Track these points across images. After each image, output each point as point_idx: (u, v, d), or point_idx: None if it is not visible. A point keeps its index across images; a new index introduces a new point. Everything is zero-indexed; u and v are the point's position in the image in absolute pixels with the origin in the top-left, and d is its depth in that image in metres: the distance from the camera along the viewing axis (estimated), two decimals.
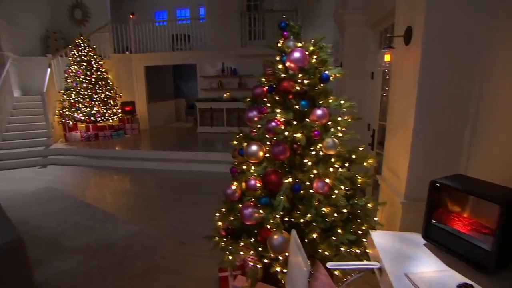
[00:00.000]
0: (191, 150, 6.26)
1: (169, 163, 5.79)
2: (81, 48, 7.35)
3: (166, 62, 8.82)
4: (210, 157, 5.85)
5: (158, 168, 5.78)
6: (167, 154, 6.04)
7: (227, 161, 5.85)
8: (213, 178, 5.18)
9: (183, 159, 5.87)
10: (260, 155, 1.91)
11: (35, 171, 5.94)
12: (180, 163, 5.75)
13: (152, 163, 5.87)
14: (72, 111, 7.24)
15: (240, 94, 8.09)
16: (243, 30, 7.91)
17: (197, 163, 5.70)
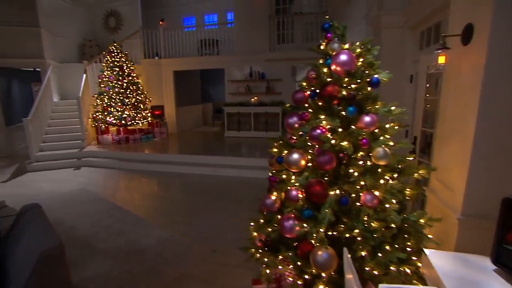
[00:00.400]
0: (219, 154, 6.24)
1: (197, 168, 5.79)
2: (114, 54, 7.59)
3: (194, 67, 8.94)
4: (238, 162, 5.79)
5: (186, 172, 5.79)
6: (195, 159, 6.06)
7: (255, 166, 5.80)
8: (241, 184, 5.11)
9: (211, 164, 5.86)
10: (301, 164, 1.79)
11: (70, 172, 6.16)
12: (208, 167, 5.74)
13: (180, 167, 5.90)
14: (105, 115, 7.48)
15: (268, 99, 8.02)
16: (271, 34, 7.84)
17: (225, 168, 5.66)
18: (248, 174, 5.48)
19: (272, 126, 7.81)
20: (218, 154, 6.29)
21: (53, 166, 6.47)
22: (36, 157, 6.55)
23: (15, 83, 8.65)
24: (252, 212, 3.93)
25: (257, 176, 5.39)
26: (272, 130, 7.82)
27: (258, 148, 6.88)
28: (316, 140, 1.70)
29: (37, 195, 4.79)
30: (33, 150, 6.50)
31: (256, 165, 5.64)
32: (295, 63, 7.87)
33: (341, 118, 1.74)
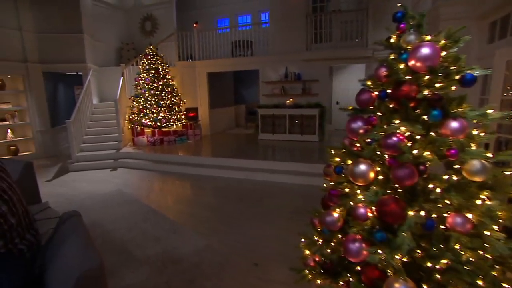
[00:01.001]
0: (254, 158, 6.04)
1: (231, 171, 5.64)
2: (150, 57, 7.68)
3: (228, 68, 8.85)
4: (273, 166, 5.56)
5: (220, 176, 5.66)
6: (229, 162, 5.91)
7: (291, 171, 5.53)
8: (277, 189, 4.88)
9: (245, 167, 5.68)
10: (370, 176, 1.52)
11: (107, 173, 6.26)
12: (242, 171, 5.56)
13: (213, 170, 5.78)
14: (140, 117, 7.58)
15: (304, 100, 7.73)
16: (308, 33, 7.55)
17: (260, 172, 5.45)
18: (284, 180, 5.23)
19: (308, 129, 7.50)
20: (253, 157, 6.10)
21: (92, 167, 6.63)
22: (77, 157, 6.75)
23: (60, 86, 9.06)
24: (292, 222, 3.70)
25: (294, 181, 5.14)
26: (308, 133, 7.51)
27: (293, 152, 6.62)
28: (391, 149, 1.42)
29: (77, 195, 4.88)
30: (74, 151, 6.70)
31: (292, 170, 5.39)
32: (333, 63, 7.52)
33: (422, 124, 1.45)
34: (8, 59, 7.39)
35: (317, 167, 5.27)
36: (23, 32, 7.64)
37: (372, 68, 7.05)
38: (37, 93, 8.00)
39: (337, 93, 9.58)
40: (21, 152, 7.92)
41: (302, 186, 4.97)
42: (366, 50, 6.93)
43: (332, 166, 1.89)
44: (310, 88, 7.71)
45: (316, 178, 4.99)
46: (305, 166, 5.38)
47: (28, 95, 7.88)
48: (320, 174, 4.97)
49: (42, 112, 8.14)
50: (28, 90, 7.85)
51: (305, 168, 5.36)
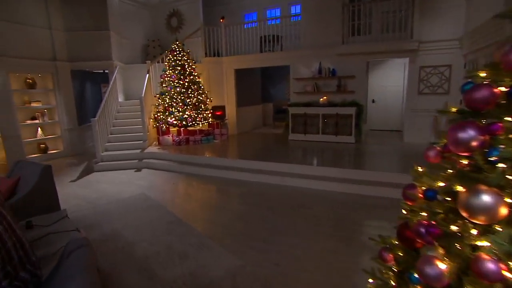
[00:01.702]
0: (285, 161, 5.56)
1: (261, 175, 5.19)
2: (176, 53, 7.38)
3: (256, 64, 8.39)
4: (308, 171, 5.05)
5: (249, 180, 5.23)
6: (259, 165, 5.46)
7: (328, 177, 4.95)
8: (313, 198, 4.37)
9: (276, 171, 5.21)
10: (499, 213, 1.00)
11: (131, 174, 6.02)
12: (274, 176, 5.09)
13: (243, 174, 5.35)
14: (166, 115, 7.31)
15: (339, 98, 7.13)
16: (344, 25, 6.93)
17: (292, 178, 4.96)
18: (319, 186, 4.70)
19: (344, 129, 6.90)
20: (284, 160, 5.62)
21: (116, 167, 6.43)
22: (101, 156, 6.58)
23: (87, 85, 9.04)
24: (338, 240, 3.17)
25: (330, 188, 4.60)
26: (344, 134, 6.91)
27: (328, 154, 6.06)
28: None
29: (99, 198, 4.63)
30: (99, 150, 6.53)
31: (328, 176, 4.85)
32: (371, 57, 6.86)
33: None
34: (39, 57, 7.37)
35: (356, 173, 4.72)
36: (53, 31, 7.60)
37: (417, 62, 6.34)
38: (65, 92, 7.96)
39: (373, 90, 8.86)
40: (50, 150, 7.92)
41: (340, 194, 4.43)
42: (411, 43, 6.22)
43: (419, 188, 1.39)
44: (345, 85, 7.09)
45: (355, 186, 4.46)
46: (342, 172, 4.83)
47: (57, 94, 7.85)
48: (360, 181, 4.42)
49: (70, 111, 8.11)
50: (57, 88, 7.82)
51: (342, 173, 4.80)
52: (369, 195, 4.32)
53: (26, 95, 7.45)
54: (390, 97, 8.71)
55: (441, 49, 6.18)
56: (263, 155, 6.05)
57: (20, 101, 7.31)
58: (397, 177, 4.41)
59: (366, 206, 3.99)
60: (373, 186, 4.38)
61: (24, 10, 7.04)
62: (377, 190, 4.32)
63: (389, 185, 4.29)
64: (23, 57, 7.04)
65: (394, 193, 4.16)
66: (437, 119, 6.33)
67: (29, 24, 7.15)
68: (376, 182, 4.46)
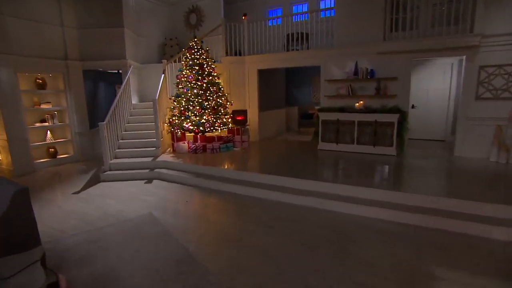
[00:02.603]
0: (319, 178, 4.68)
1: (292, 196, 4.33)
2: (194, 51, 6.67)
3: (282, 64, 7.54)
4: (347, 191, 4.15)
5: (277, 201, 4.39)
6: (287, 182, 4.61)
7: (375, 201, 3.72)
8: (360, 228, 3.47)
9: (309, 191, 4.34)
10: None
11: (141, 186, 5.32)
12: (306, 196, 4.23)
13: (269, 192, 4.51)
14: (181, 120, 6.60)
15: (378, 103, 6.19)
16: (386, 19, 5.99)
17: (330, 200, 4.07)
18: (363, 212, 3.80)
19: (384, 139, 5.94)
20: (317, 176, 4.75)
21: (125, 177, 5.76)
22: (110, 165, 5.94)
23: (101, 86, 8.53)
24: None
25: (378, 216, 3.69)
26: (383, 145, 5.95)
27: (367, 169, 5.12)
28: None
29: (100, 218, 3.93)
30: (107, 158, 5.89)
31: (374, 200, 3.93)
32: (419, 56, 5.85)
33: None
34: (50, 56, 6.88)
35: (411, 198, 3.77)
36: (65, 28, 7.10)
37: (476, 61, 5.31)
38: (76, 93, 7.44)
39: (412, 94, 7.78)
40: (60, 154, 7.41)
41: (392, 224, 3.51)
42: (470, 38, 5.20)
43: None
44: (386, 88, 6.13)
45: (411, 215, 3.53)
46: (390, 195, 3.89)
47: (68, 95, 7.34)
48: (416, 209, 3.45)
49: (81, 113, 7.58)
50: (68, 89, 7.31)
51: (391, 197, 3.87)
52: (431, 228, 3.39)
53: (35, 96, 6.97)
54: (433, 102, 7.63)
55: (510, 45, 5.12)
56: (291, 169, 5.19)
57: (29, 102, 6.83)
58: (469, 207, 3.45)
59: (432, 244, 3.05)
60: (436, 216, 3.43)
61: (34, 6, 6.54)
62: (442, 222, 3.37)
63: (461, 217, 3.33)
64: (32, 56, 6.54)
65: (469, 228, 3.22)
66: (501, 129, 5.27)
67: (40, 21, 6.65)
68: (440, 212, 3.51)
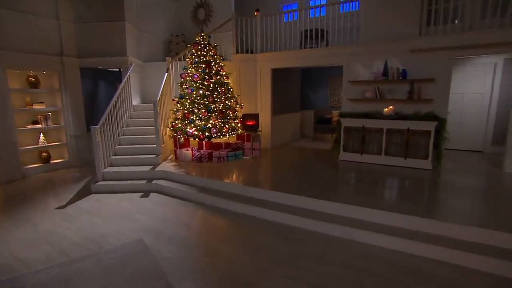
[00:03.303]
0: (349, 200, 3.87)
1: (316, 222, 3.52)
2: (200, 47, 5.95)
3: (300, 63, 6.75)
4: (382, 218, 3.33)
5: (295, 227, 3.60)
6: (311, 204, 3.78)
7: (420, 233, 2.51)
8: (401, 271, 2.65)
9: (339, 217, 3.54)
10: None
11: (135, 201, 4.60)
12: (335, 224, 3.42)
13: (286, 216, 3.72)
14: (185, 124, 5.89)
15: (410, 109, 5.35)
16: (423, 10, 5.17)
17: (359, 230, 3.26)
18: (407, 248, 2.97)
19: (417, 150, 5.10)
20: (342, 196, 3.95)
21: (119, 188, 5.05)
22: (103, 174, 5.26)
23: (101, 85, 7.91)
24: None
25: (425, 254, 2.86)
26: (416, 157, 5.11)
27: (401, 187, 4.29)
28: None
29: (79, 245, 3.21)
30: (100, 166, 5.20)
31: (420, 231, 3.11)
32: (461, 53, 5.00)
33: None
34: (43, 52, 6.25)
35: (463, 232, 2.92)
36: (61, 21, 6.47)
37: None
38: (73, 92, 6.81)
39: None
40: (54, 159, 6.78)
41: (443, 267, 2.68)
42: None
43: None
44: (420, 91, 5.29)
45: (467, 254, 2.68)
46: (439, 226, 3.05)
47: (63, 95, 6.71)
48: (470, 246, 2.37)
49: (78, 114, 6.94)
50: (63, 88, 6.68)
51: (441, 229, 3.03)
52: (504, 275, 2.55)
53: (27, 95, 6.35)
54: (469, 108, 6.74)
55: None
56: (311, 186, 4.39)
57: (20, 102, 6.22)
58: None
59: None
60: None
61: None
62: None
63: None
64: (24, 51, 5.93)
65: None
66: None
67: (32, 13, 6.04)
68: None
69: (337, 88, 9.03)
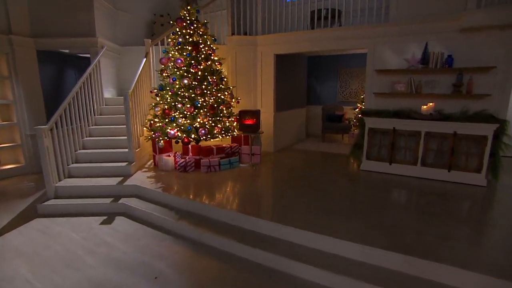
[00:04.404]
0: (399, 246, 2.67)
1: (351, 281, 2.33)
2: (185, 24, 4.65)
3: (311, 48, 5.42)
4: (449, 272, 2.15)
5: (325, 286, 2.40)
6: (342, 249, 2.59)
7: None
8: None
9: (394, 273, 2.35)
10: None
11: (92, 230, 3.33)
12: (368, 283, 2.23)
13: (309, 269, 2.50)
14: (166, 123, 4.61)
15: (457, 106, 4.14)
16: None
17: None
18: None
19: (467, 160, 3.92)
20: (386, 238, 2.74)
21: (76, 210, 3.79)
22: (55, 189, 3.98)
23: (70, 73, 6.56)
24: None
25: None
26: (465, 169, 3.93)
27: (459, 217, 3.11)
28: None
29: None
30: (51, 179, 3.92)
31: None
32: None
33: None
34: None
35: None
36: None
37: None
38: (27, 81, 5.46)
39: None
40: (4, 164, 5.48)
41: None
42: None
43: None
44: (471, 84, 4.08)
45: None
46: None
47: (15, 84, 5.36)
48: None
49: (36, 109, 5.62)
50: (14, 76, 5.33)
51: None
52: None
53: None
54: None
55: None
56: (334, 215, 3.17)
57: None
58: None
59: None
60: None
61: None
62: None
63: None
64: None
65: None
66: None
67: None
68: None
69: (349, 81, 7.80)
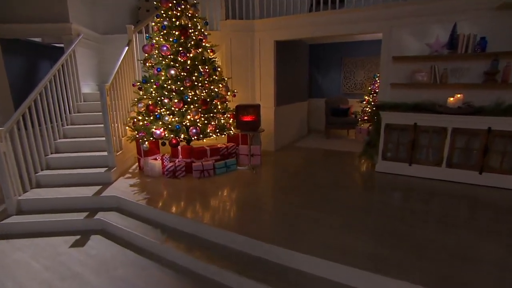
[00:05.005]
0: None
1: None
2: (172, 4, 3.97)
3: (317, 33, 4.77)
4: None
5: None
6: (379, 283, 2.03)
7: None
8: None
9: None
10: None
11: (59, 256, 2.72)
12: None
13: None
14: (150, 121, 3.97)
15: (490, 97, 3.56)
16: None
17: None
18: None
19: (503, 161, 3.36)
20: (421, 264, 2.18)
21: (41, 227, 3.15)
22: (18, 204, 3.34)
23: (44, 65, 5.87)
24: None
25: None
26: (500, 171, 3.38)
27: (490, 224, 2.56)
28: None
29: None
30: (10, 193, 3.27)
31: None
32: None
33: None
34: None
35: None
36: None
37: None
38: None
39: None
40: None
41: None
42: None
43: None
44: (508, 70, 3.50)
45: None
46: None
47: None
48: None
49: (2, 107, 4.93)
50: None
51: None
52: None
53: None
54: None
55: None
56: (358, 235, 2.60)
57: None
58: None
59: None
60: None
61: None
62: None
63: None
64: None
65: None
66: None
67: None
68: None
69: (353, 71, 7.20)
